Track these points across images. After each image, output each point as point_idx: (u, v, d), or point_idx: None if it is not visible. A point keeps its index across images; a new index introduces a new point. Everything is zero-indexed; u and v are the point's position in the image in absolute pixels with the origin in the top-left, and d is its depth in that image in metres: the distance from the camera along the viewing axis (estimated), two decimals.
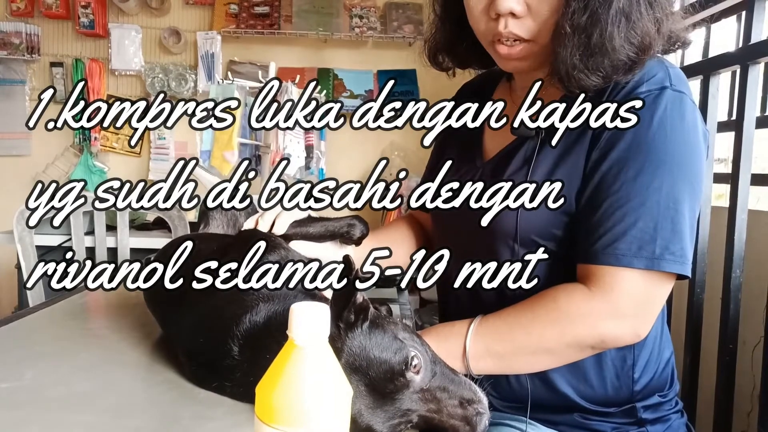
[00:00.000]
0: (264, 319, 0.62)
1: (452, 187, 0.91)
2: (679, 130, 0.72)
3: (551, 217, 0.77)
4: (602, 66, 0.72)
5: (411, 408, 0.56)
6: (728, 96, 1.96)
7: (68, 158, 3.33)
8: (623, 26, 0.71)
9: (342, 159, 3.30)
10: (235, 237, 0.88)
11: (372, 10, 3.28)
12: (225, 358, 0.61)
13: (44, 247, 2.07)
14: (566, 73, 0.74)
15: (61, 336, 0.85)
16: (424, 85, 3.29)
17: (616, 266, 0.69)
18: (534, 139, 0.81)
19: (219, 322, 0.64)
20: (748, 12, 1.40)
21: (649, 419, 0.82)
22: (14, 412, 0.59)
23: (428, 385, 0.58)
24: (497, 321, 0.74)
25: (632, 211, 0.70)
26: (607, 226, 0.71)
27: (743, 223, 1.33)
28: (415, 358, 0.57)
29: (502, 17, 0.75)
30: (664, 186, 0.70)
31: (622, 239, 0.69)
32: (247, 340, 0.61)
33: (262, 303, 0.64)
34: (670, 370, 0.87)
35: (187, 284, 0.72)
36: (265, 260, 0.71)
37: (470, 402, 0.59)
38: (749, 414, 1.57)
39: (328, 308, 0.47)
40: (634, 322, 0.71)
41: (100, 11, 3.18)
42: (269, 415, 0.45)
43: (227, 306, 0.65)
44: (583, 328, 0.71)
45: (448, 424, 0.58)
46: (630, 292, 0.70)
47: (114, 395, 0.64)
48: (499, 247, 0.81)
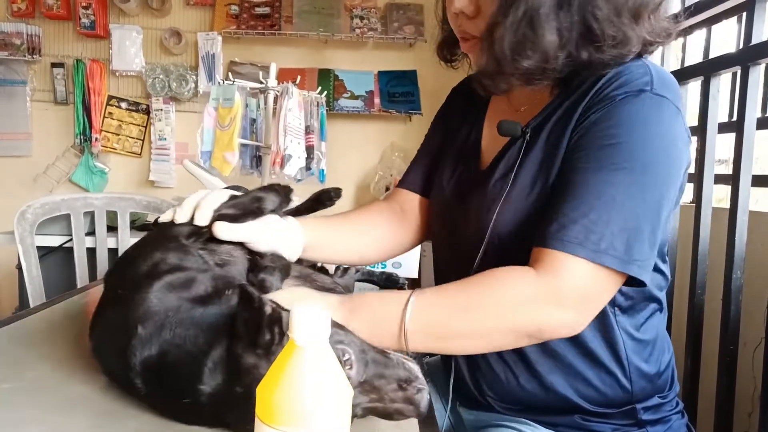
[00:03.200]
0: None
1: (454, 185, 0.91)
2: (653, 134, 0.72)
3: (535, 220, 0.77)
4: (501, 73, 0.76)
5: (355, 403, 0.54)
6: (729, 97, 1.96)
7: (69, 159, 3.33)
8: (519, 38, 0.73)
9: (342, 160, 3.30)
10: (141, 240, 0.78)
11: (373, 11, 3.28)
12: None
13: (45, 248, 2.07)
14: (480, 75, 0.80)
15: (62, 337, 0.85)
16: (424, 85, 3.29)
17: (561, 251, 0.68)
18: (521, 138, 0.81)
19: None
20: (748, 13, 1.40)
21: (650, 420, 0.82)
22: (14, 413, 0.59)
23: (364, 377, 0.57)
24: (436, 302, 0.71)
25: (587, 201, 0.70)
26: (562, 211, 0.70)
27: (744, 224, 1.33)
28: (345, 353, 0.55)
29: (458, 16, 0.80)
30: (623, 184, 0.70)
31: (572, 226, 0.69)
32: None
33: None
34: (670, 372, 0.87)
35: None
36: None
37: (408, 381, 0.58)
38: (750, 415, 1.56)
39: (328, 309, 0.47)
40: (574, 313, 0.70)
41: (100, 12, 3.18)
42: (269, 415, 0.45)
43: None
44: (524, 315, 0.69)
45: (392, 409, 0.57)
46: (574, 281, 0.68)
47: (114, 396, 0.64)
48: (500, 250, 0.80)
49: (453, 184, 0.92)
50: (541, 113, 0.82)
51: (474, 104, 0.98)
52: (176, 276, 0.64)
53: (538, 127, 0.80)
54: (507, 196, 0.79)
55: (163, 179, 3.33)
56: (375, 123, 3.39)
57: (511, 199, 0.78)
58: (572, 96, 0.78)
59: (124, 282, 0.66)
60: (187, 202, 0.77)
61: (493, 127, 0.93)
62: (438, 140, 1.03)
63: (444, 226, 0.93)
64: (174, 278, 0.64)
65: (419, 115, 3.28)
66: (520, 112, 0.88)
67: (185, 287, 0.63)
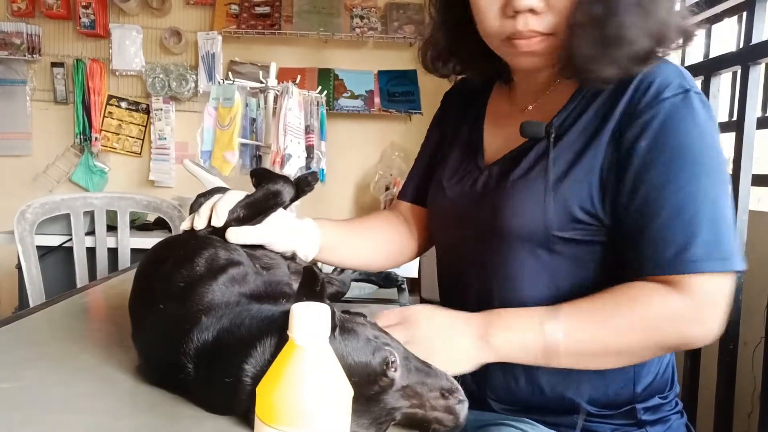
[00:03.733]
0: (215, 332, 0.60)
1: (456, 185, 0.90)
2: (709, 132, 0.74)
3: (572, 217, 0.76)
4: (618, 57, 0.72)
5: (395, 406, 0.56)
6: (729, 97, 1.96)
7: (69, 158, 3.33)
8: (638, 16, 0.71)
9: (342, 159, 3.30)
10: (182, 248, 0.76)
11: (373, 11, 3.28)
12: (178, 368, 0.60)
13: (45, 248, 2.07)
14: (583, 66, 0.74)
15: (62, 336, 0.85)
16: (424, 85, 3.29)
17: (693, 273, 0.70)
18: (545, 139, 0.79)
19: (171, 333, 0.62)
20: (748, 13, 1.40)
21: (649, 420, 0.82)
22: (14, 413, 0.59)
23: (407, 382, 0.58)
24: (585, 319, 0.72)
25: (691, 217, 0.71)
26: (672, 236, 0.71)
27: (744, 224, 1.33)
28: (392, 356, 0.57)
29: (521, 15, 0.75)
30: (711, 191, 0.72)
31: (693, 246, 0.70)
32: (199, 354, 0.59)
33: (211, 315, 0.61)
34: (670, 372, 0.87)
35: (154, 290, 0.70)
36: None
37: (450, 392, 0.59)
38: (750, 415, 1.56)
39: (328, 308, 0.47)
40: (712, 324, 0.72)
41: (100, 11, 3.18)
42: (269, 415, 0.45)
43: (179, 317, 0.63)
44: (671, 333, 0.71)
45: (432, 417, 0.58)
46: (710, 295, 0.71)
47: (114, 395, 0.64)
48: (518, 251, 0.80)
49: (456, 183, 0.91)
50: (563, 112, 0.80)
51: (471, 105, 0.97)
52: (236, 270, 0.67)
53: (563, 126, 0.79)
54: (531, 193, 0.78)
55: (163, 179, 3.33)
56: (375, 122, 3.39)
57: (535, 197, 0.77)
58: (599, 97, 0.77)
59: (178, 276, 0.67)
60: (204, 207, 0.77)
61: (494, 126, 0.92)
62: (435, 146, 1.03)
63: (448, 225, 0.93)
64: (235, 272, 0.66)
65: (419, 115, 3.28)
66: (528, 112, 0.87)
67: (244, 283, 0.66)
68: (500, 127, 0.91)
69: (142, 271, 0.76)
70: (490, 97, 0.97)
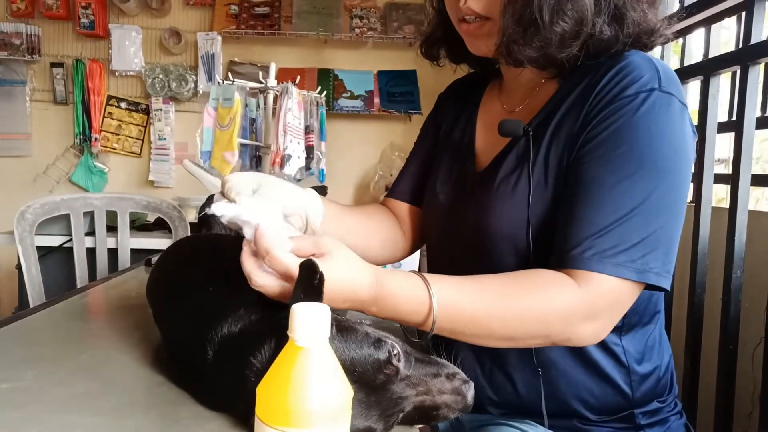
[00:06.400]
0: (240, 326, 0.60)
1: (450, 190, 0.90)
2: (668, 135, 0.71)
3: (554, 218, 0.76)
4: (536, 39, 0.74)
5: (403, 395, 0.57)
6: (728, 97, 1.96)
7: (68, 159, 3.33)
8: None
9: (342, 159, 3.30)
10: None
11: (372, 11, 3.28)
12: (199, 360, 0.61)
13: (45, 248, 2.07)
14: (506, 47, 0.76)
15: (62, 336, 0.85)
16: (424, 85, 3.29)
17: (601, 273, 0.68)
18: (524, 138, 0.80)
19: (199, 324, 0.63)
20: (748, 12, 1.40)
21: (648, 423, 0.82)
22: (15, 413, 0.59)
23: (410, 372, 0.58)
24: (472, 304, 0.67)
25: (615, 214, 0.69)
26: (590, 229, 0.69)
27: (743, 223, 1.33)
28: (394, 347, 0.57)
29: None
30: (652, 193, 0.69)
31: (607, 245, 0.68)
32: (222, 346, 0.60)
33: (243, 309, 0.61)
34: (669, 375, 0.87)
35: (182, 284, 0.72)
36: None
37: (453, 374, 0.60)
38: (750, 415, 1.56)
39: (328, 308, 0.48)
40: (603, 324, 0.70)
41: (100, 12, 3.18)
42: (270, 415, 0.45)
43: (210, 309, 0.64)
44: (560, 327, 0.69)
45: (440, 401, 0.59)
46: (606, 295, 0.68)
47: (114, 396, 0.64)
48: (504, 253, 0.79)
49: (448, 187, 0.92)
50: (542, 112, 0.81)
51: (464, 107, 0.97)
52: None
53: (540, 126, 0.79)
54: (514, 195, 0.78)
55: (162, 179, 3.33)
56: (375, 123, 3.39)
57: (518, 198, 0.77)
58: (573, 93, 0.78)
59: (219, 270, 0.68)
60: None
61: (486, 128, 0.92)
62: (428, 147, 1.03)
63: (439, 229, 0.92)
64: None
65: (419, 115, 3.28)
66: (516, 113, 0.87)
67: None
68: (491, 129, 0.91)
69: (177, 255, 0.78)
70: (483, 98, 0.97)
